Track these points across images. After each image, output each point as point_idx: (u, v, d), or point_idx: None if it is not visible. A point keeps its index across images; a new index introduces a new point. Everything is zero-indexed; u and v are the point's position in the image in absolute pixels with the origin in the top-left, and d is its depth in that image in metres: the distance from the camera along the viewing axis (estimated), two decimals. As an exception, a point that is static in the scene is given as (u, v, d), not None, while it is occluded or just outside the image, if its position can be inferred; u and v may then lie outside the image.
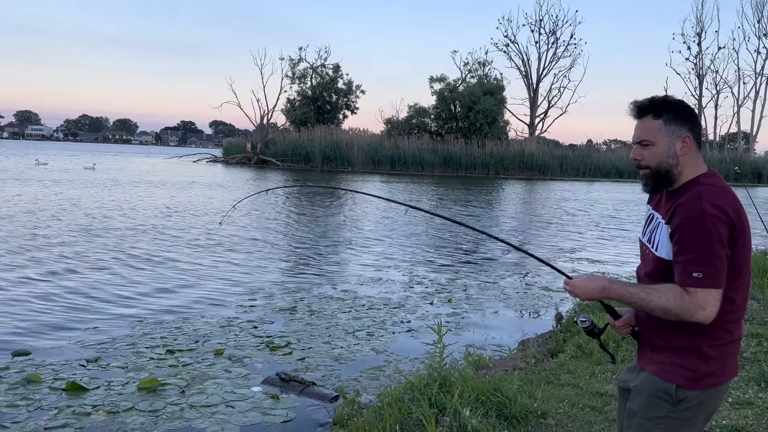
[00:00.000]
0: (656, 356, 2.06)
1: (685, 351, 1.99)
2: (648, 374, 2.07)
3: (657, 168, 2.02)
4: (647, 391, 2.04)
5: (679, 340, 2.00)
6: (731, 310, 1.97)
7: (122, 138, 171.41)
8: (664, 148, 2.00)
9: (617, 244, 13.74)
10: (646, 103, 2.05)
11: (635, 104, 2.07)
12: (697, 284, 1.90)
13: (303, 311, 7.09)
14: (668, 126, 2.00)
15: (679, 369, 1.99)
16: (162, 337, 5.93)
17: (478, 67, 50.95)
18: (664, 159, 2.00)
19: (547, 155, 47.41)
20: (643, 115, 2.05)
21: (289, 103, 50.51)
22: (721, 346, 1.99)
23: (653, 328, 2.07)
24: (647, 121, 2.03)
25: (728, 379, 2.04)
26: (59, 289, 7.58)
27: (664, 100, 2.04)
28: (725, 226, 1.89)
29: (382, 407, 3.88)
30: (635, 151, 2.08)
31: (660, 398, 2.00)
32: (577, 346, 5.33)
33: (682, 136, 2.00)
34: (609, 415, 3.98)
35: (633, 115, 2.07)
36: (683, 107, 2.04)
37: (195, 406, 4.40)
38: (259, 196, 21.76)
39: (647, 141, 2.03)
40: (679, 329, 1.98)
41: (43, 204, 16.22)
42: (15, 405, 4.29)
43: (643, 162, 2.05)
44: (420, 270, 9.90)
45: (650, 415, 2.02)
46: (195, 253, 10.38)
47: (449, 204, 21.65)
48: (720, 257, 1.89)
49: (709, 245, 1.88)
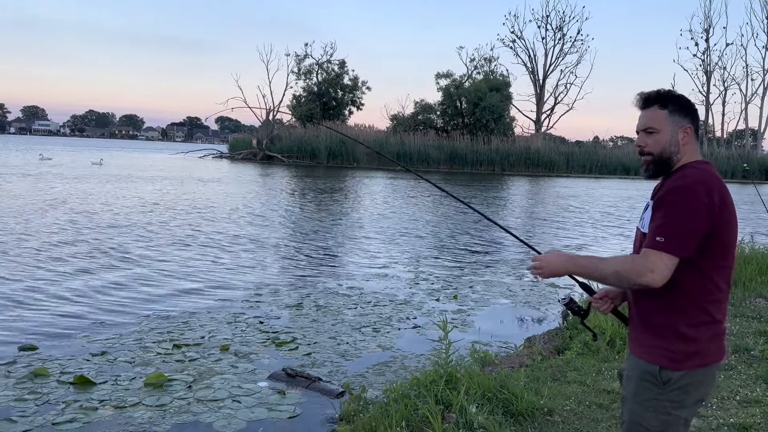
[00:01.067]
0: (641, 338, 2.14)
1: (665, 330, 2.06)
2: (635, 358, 2.15)
3: (659, 155, 2.13)
4: (636, 375, 2.12)
5: (659, 318, 2.07)
6: (710, 291, 2.04)
7: (128, 134, 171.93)
8: (667, 137, 2.11)
9: (622, 241, 13.69)
10: (654, 94, 2.16)
11: (642, 95, 2.18)
12: (654, 246, 1.98)
13: (309, 307, 7.10)
14: (673, 116, 2.11)
15: (660, 350, 2.06)
16: (169, 332, 5.95)
17: (484, 63, 50.80)
18: (666, 146, 2.11)
19: (553, 152, 47.23)
20: (649, 105, 2.16)
21: (295, 99, 50.51)
22: (699, 326, 2.04)
23: (639, 308, 2.16)
24: (653, 111, 2.14)
25: (714, 362, 2.08)
26: (65, 284, 7.61)
27: (670, 92, 2.16)
28: (704, 203, 1.96)
29: (389, 403, 3.88)
30: (640, 138, 2.18)
31: (647, 381, 2.06)
32: (583, 344, 5.31)
33: (684, 126, 2.12)
34: (616, 412, 3.97)
35: (639, 105, 2.19)
36: (686, 101, 2.16)
37: (202, 401, 4.41)
38: (264, 194, 21.80)
39: (652, 128, 2.13)
40: (660, 307, 2.06)
41: (52, 200, 16.28)
42: (23, 399, 4.32)
43: (646, 149, 2.15)
44: (426, 266, 9.90)
45: (640, 398, 2.08)
46: (201, 249, 10.40)
47: (453, 201, 21.59)
48: (689, 230, 1.96)
49: (681, 216, 1.97)
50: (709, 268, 2.02)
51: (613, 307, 2.31)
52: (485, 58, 50.87)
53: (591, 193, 28.78)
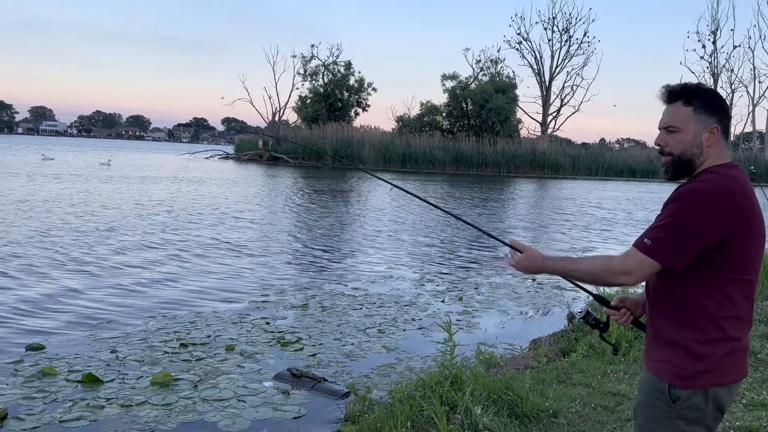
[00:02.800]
0: (653, 352, 2.02)
1: (674, 345, 1.93)
2: (647, 371, 2.03)
3: (680, 156, 1.95)
4: (645, 389, 2.01)
5: (670, 332, 1.94)
6: (725, 306, 1.88)
7: (135, 134, 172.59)
8: (690, 137, 1.93)
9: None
10: (679, 88, 1.98)
11: (667, 88, 2.00)
12: (638, 247, 1.88)
13: (314, 308, 7.11)
14: (698, 114, 1.93)
15: (670, 367, 1.93)
16: (175, 332, 5.97)
17: (490, 65, 50.82)
18: (688, 147, 1.94)
19: (559, 154, 47.16)
20: (673, 101, 1.98)
21: (301, 101, 50.61)
22: (712, 343, 1.88)
23: (652, 320, 2.04)
24: (677, 107, 1.97)
25: (730, 382, 1.93)
26: (72, 284, 7.66)
27: (697, 87, 1.98)
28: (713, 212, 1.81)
29: (394, 404, 3.89)
30: (660, 137, 2.00)
31: (656, 397, 1.95)
32: (589, 346, 5.30)
33: (710, 126, 1.93)
34: (621, 414, 3.96)
35: (663, 99, 2.00)
36: (715, 97, 1.97)
37: (207, 401, 4.43)
38: (270, 195, 21.85)
39: (674, 127, 1.96)
40: (672, 321, 1.94)
41: (59, 199, 16.37)
42: (31, 397, 4.35)
43: (666, 148, 1.98)
44: (431, 268, 9.90)
45: (648, 414, 1.97)
46: (207, 249, 10.44)
47: (461, 202, 21.59)
48: (685, 240, 1.82)
49: (677, 221, 1.83)
50: (722, 282, 1.86)
51: (633, 319, 2.18)
52: (491, 59, 50.95)
53: (602, 196, 28.70)
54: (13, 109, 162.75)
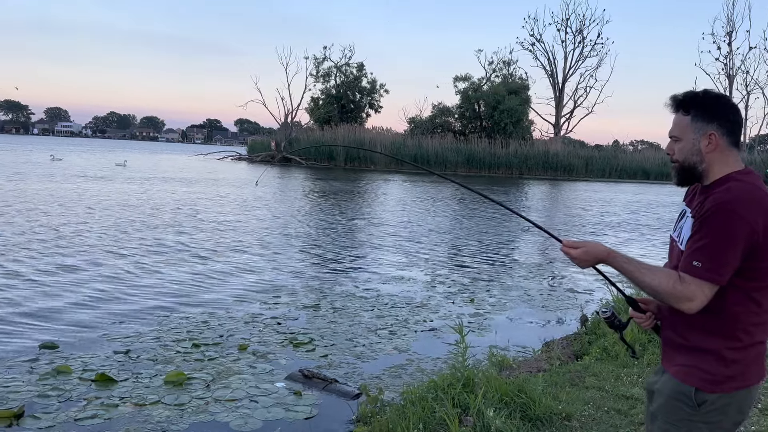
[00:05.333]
0: (677, 357, 2.04)
1: (704, 352, 1.96)
2: (669, 376, 2.05)
3: (683, 163, 2.05)
4: (667, 393, 2.02)
5: (699, 339, 1.97)
6: (755, 313, 1.92)
7: (149, 135, 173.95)
8: (689, 144, 2.02)
9: (644, 246, 13.55)
10: (680, 97, 2.06)
11: (671, 98, 2.09)
12: (693, 273, 1.89)
13: (326, 308, 7.12)
14: (695, 123, 2.00)
15: (698, 371, 1.96)
16: (188, 331, 6.01)
17: (503, 67, 50.71)
18: (688, 155, 2.02)
19: (572, 155, 46.92)
20: (677, 110, 2.07)
21: (313, 102, 50.77)
22: (742, 350, 1.94)
23: (675, 326, 2.05)
24: (678, 117, 2.06)
25: (754, 383, 1.98)
26: (85, 283, 7.72)
27: (697, 96, 2.03)
28: (746, 223, 1.84)
29: (405, 405, 3.88)
30: (667, 145, 2.12)
31: (680, 401, 1.98)
32: (602, 349, 5.27)
33: (708, 133, 1.98)
34: (635, 418, 3.93)
35: (669, 109, 2.10)
36: (714, 104, 2.00)
37: (219, 401, 4.45)
38: (282, 195, 21.92)
39: (675, 136, 2.07)
40: (700, 328, 1.96)
41: (76, 198, 16.54)
42: (46, 395, 4.39)
43: (673, 156, 2.09)
44: (442, 270, 9.88)
45: (671, 418, 1.99)
46: (219, 249, 10.49)
47: (471, 203, 21.54)
48: (728, 255, 1.85)
49: (719, 239, 1.86)
50: (753, 290, 1.91)
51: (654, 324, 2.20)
52: (504, 61, 50.83)
53: (616, 198, 28.51)
54: (29, 110, 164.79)
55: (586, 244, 2.06)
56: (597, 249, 2.04)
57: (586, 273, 10.08)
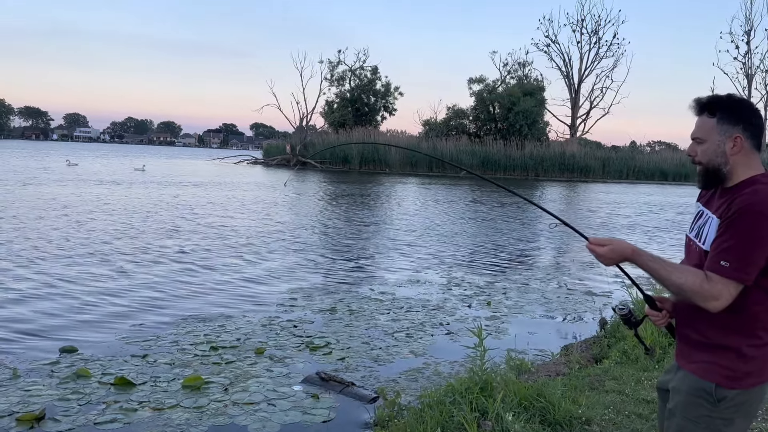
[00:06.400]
0: (694, 354, 2.06)
1: (724, 349, 1.99)
2: (686, 373, 2.07)
3: (707, 165, 2.05)
4: (686, 390, 2.05)
5: (719, 337, 2.00)
6: None
7: (166, 140, 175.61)
8: (714, 146, 2.02)
9: (663, 247, 13.39)
10: (704, 100, 2.08)
11: (695, 101, 2.11)
12: (720, 272, 1.91)
13: (342, 311, 7.12)
14: (720, 125, 2.01)
15: (717, 368, 1.99)
16: (206, 335, 6.04)
17: (518, 68, 50.48)
18: (713, 157, 2.03)
19: (588, 157, 46.54)
20: (701, 113, 2.08)
21: (328, 106, 50.91)
22: (762, 347, 1.98)
23: (692, 324, 2.07)
24: (703, 119, 2.07)
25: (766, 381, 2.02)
26: (104, 288, 7.80)
27: (722, 99, 2.06)
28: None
29: (423, 409, 3.86)
30: (690, 147, 2.12)
31: (699, 397, 2.00)
32: (622, 352, 5.21)
33: (734, 136, 2.00)
34: (656, 422, 3.86)
35: (693, 111, 2.11)
36: (739, 107, 2.03)
37: (238, 404, 4.47)
38: (298, 199, 22.00)
39: (699, 138, 2.07)
40: (720, 326, 1.99)
41: (96, 203, 16.73)
42: (66, 399, 4.43)
43: (696, 158, 2.09)
44: (458, 272, 9.84)
45: (690, 414, 2.02)
46: (236, 253, 10.55)
47: (486, 205, 21.46)
48: (755, 256, 1.89)
49: (747, 239, 1.89)
50: None
51: (669, 323, 2.24)
52: (519, 62, 50.58)
53: (635, 200, 28.24)
54: (48, 116, 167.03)
55: (612, 242, 2.06)
56: (622, 246, 2.05)
57: (604, 275, 9.98)
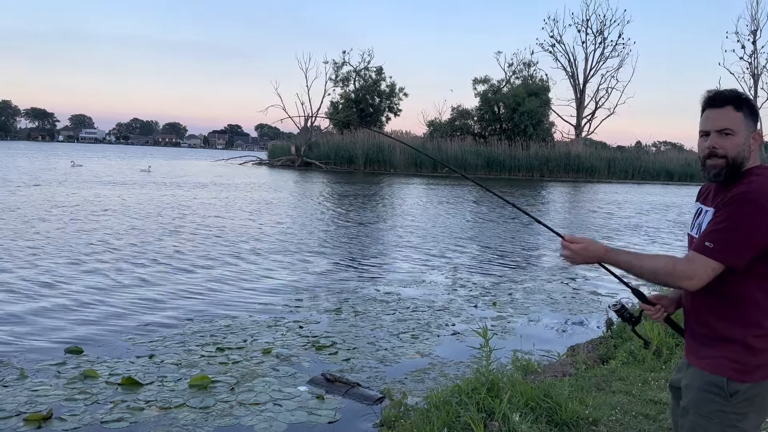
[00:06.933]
0: (702, 350, 2.06)
1: (731, 342, 1.99)
2: (697, 369, 2.06)
3: (734, 158, 2.00)
4: (697, 386, 2.04)
5: (723, 328, 2.00)
6: None
7: (172, 141, 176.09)
8: (743, 140, 2.01)
9: (667, 246, 13.35)
10: (729, 93, 2.04)
11: (716, 93, 2.06)
12: (703, 251, 1.93)
13: (348, 312, 7.12)
14: (746, 120, 2.03)
15: (727, 362, 1.98)
16: (212, 335, 6.05)
17: (522, 68, 50.36)
18: (741, 150, 2.01)
19: (594, 157, 46.44)
20: (722, 105, 2.03)
21: (333, 106, 50.92)
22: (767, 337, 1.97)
23: (697, 317, 2.09)
24: (729, 111, 2.02)
25: None
26: (109, 288, 7.82)
27: (741, 95, 2.06)
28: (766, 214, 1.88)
29: (429, 410, 3.86)
30: (713, 139, 2.02)
31: (711, 392, 2.00)
32: (629, 353, 5.19)
33: (755, 132, 2.05)
34: (663, 423, 3.86)
35: (710, 104, 2.05)
36: (755, 106, 2.09)
37: (244, 404, 4.47)
38: (303, 199, 22.02)
39: (730, 130, 2.01)
40: (722, 317, 2.00)
41: (99, 205, 16.79)
42: (73, 399, 4.44)
43: (720, 151, 2.02)
44: (464, 273, 9.83)
45: (703, 410, 2.01)
46: (241, 254, 10.56)
47: (491, 206, 21.43)
48: (744, 240, 1.89)
49: (736, 224, 1.90)
50: None
51: (666, 316, 2.24)
52: (524, 62, 50.47)
53: (641, 200, 28.15)
54: (54, 117, 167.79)
55: (584, 240, 2.07)
56: (595, 246, 2.06)
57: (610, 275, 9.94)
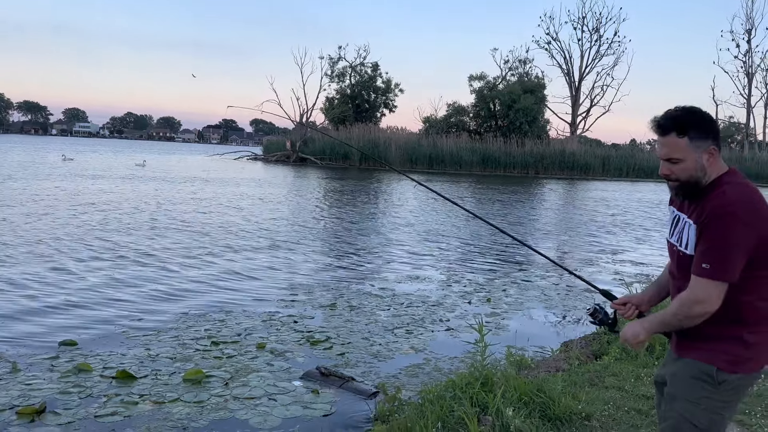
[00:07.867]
0: (697, 343, 2.13)
1: (725, 337, 2.08)
2: (687, 360, 2.15)
3: (687, 180, 2.10)
4: (688, 374, 2.13)
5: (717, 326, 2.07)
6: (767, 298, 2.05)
7: (166, 135, 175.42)
8: (693, 164, 2.07)
9: (657, 245, 13.40)
10: (668, 121, 2.09)
11: (656, 122, 2.13)
12: (703, 274, 2.01)
13: (342, 307, 7.13)
14: (694, 142, 2.06)
15: (720, 354, 2.07)
16: (206, 330, 6.04)
17: (518, 65, 50.44)
18: (693, 173, 2.08)
19: (588, 155, 46.56)
20: (666, 133, 2.09)
21: (328, 102, 50.84)
22: (762, 333, 2.07)
23: None
24: (672, 139, 2.08)
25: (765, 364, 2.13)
26: (104, 282, 7.80)
27: (687, 117, 2.08)
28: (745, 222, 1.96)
29: (424, 404, 3.87)
30: (664, 167, 2.13)
31: (701, 380, 2.09)
32: (621, 349, 5.21)
33: (709, 148, 2.07)
34: (655, 418, 3.87)
35: (657, 131, 2.13)
36: (705, 121, 2.09)
37: (238, 398, 4.48)
38: (298, 195, 22.00)
39: (676, 159, 2.09)
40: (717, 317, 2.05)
41: (96, 198, 16.73)
42: (67, 392, 4.44)
43: (672, 176, 2.13)
44: (458, 269, 9.85)
45: (691, 396, 2.11)
46: (236, 249, 10.55)
47: (488, 204, 21.46)
48: (733, 253, 1.97)
49: (722, 241, 1.97)
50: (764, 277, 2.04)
51: (638, 313, 2.35)
52: (520, 60, 50.53)
53: (632, 198, 28.22)
54: (47, 111, 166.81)
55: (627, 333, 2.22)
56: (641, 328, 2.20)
57: (604, 272, 10.00)
